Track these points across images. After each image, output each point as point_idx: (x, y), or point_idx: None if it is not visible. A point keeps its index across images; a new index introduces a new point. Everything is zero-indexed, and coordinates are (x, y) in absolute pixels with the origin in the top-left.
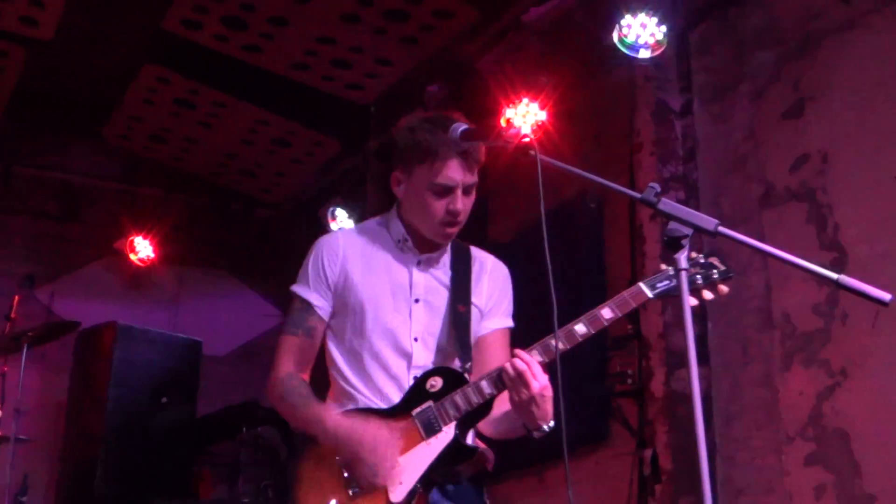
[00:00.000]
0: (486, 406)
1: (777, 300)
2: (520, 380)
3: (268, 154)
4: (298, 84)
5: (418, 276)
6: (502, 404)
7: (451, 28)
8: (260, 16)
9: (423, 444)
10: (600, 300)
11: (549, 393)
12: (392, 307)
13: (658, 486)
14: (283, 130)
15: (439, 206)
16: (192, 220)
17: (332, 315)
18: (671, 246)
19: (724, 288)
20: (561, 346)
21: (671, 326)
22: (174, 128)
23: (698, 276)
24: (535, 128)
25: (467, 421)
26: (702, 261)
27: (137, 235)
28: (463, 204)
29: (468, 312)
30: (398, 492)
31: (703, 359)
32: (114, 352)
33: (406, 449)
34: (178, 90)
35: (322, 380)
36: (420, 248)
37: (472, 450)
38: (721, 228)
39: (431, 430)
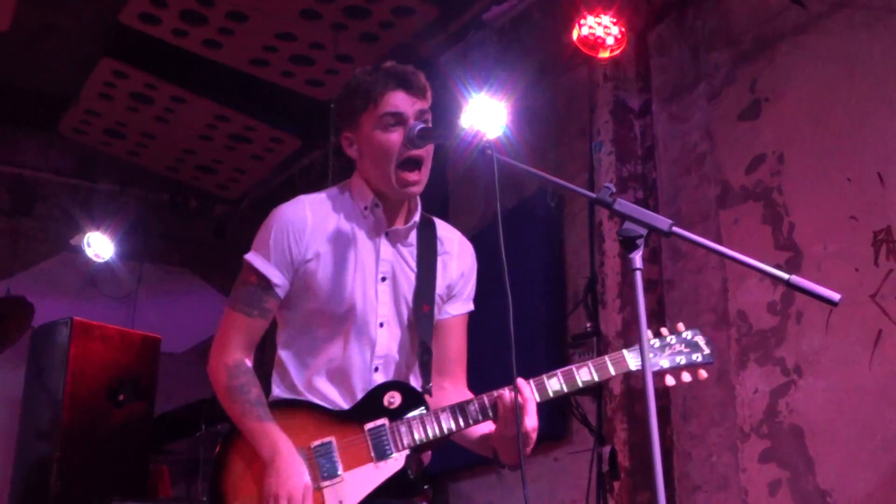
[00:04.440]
0: (442, 440)
1: (733, 299)
2: (512, 415)
3: (226, 150)
4: (258, 80)
5: (386, 250)
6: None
7: (411, 25)
8: (219, 11)
9: (371, 465)
10: (559, 298)
11: (535, 435)
12: (357, 285)
13: (616, 483)
14: (243, 126)
15: (394, 140)
16: (149, 216)
17: (288, 293)
18: (626, 246)
19: (703, 373)
20: (557, 387)
21: (629, 325)
22: (131, 123)
23: (681, 357)
24: (494, 126)
25: (419, 451)
26: (688, 338)
27: (94, 231)
28: None
29: (431, 314)
30: None
31: None
32: (70, 348)
33: (352, 465)
34: (136, 84)
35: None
36: (389, 217)
37: (419, 488)
38: (675, 229)
39: (382, 454)
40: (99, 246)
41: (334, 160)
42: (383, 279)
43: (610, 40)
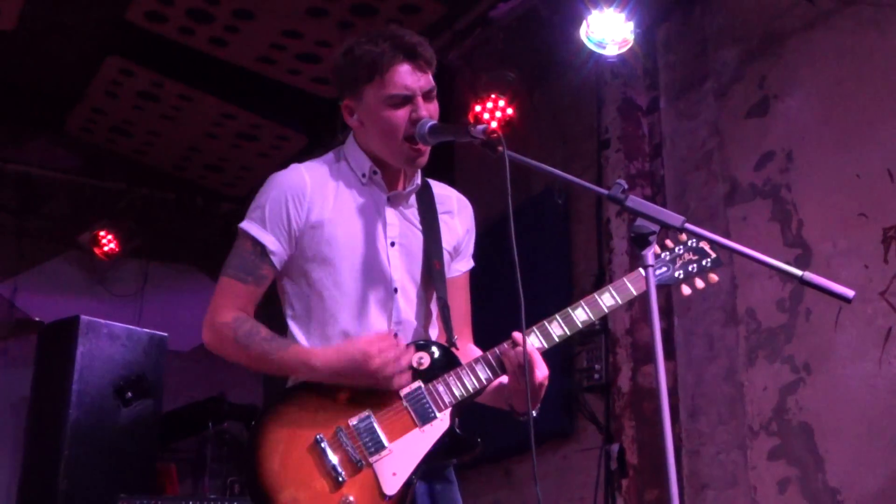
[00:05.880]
0: (480, 392)
1: (742, 296)
2: (522, 369)
3: (233, 148)
4: (264, 77)
5: (391, 215)
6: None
7: (418, 23)
8: (225, 8)
9: (417, 430)
10: (566, 295)
11: (547, 382)
12: (368, 252)
13: (624, 481)
14: (249, 124)
15: (401, 116)
16: (155, 214)
17: (292, 263)
18: (638, 243)
19: (714, 276)
20: (560, 332)
21: (638, 322)
22: (137, 121)
23: (692, 265)
24: (502, 123)
25: (461, 406)
26: (694, 245)
27: (101, 229)
28: (427, 111)
29: (443, 270)
30: (391, 483)
31: (668, 354)
32: (77, 347)
33: (397, 434)
34: (142, 83)
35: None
36: (389, 182)
37: (472, 443)
38: (688, 225)
39: (426, 417)
40: (107, 244)
41: None
42: (392, 244)
43: (617, 37)
